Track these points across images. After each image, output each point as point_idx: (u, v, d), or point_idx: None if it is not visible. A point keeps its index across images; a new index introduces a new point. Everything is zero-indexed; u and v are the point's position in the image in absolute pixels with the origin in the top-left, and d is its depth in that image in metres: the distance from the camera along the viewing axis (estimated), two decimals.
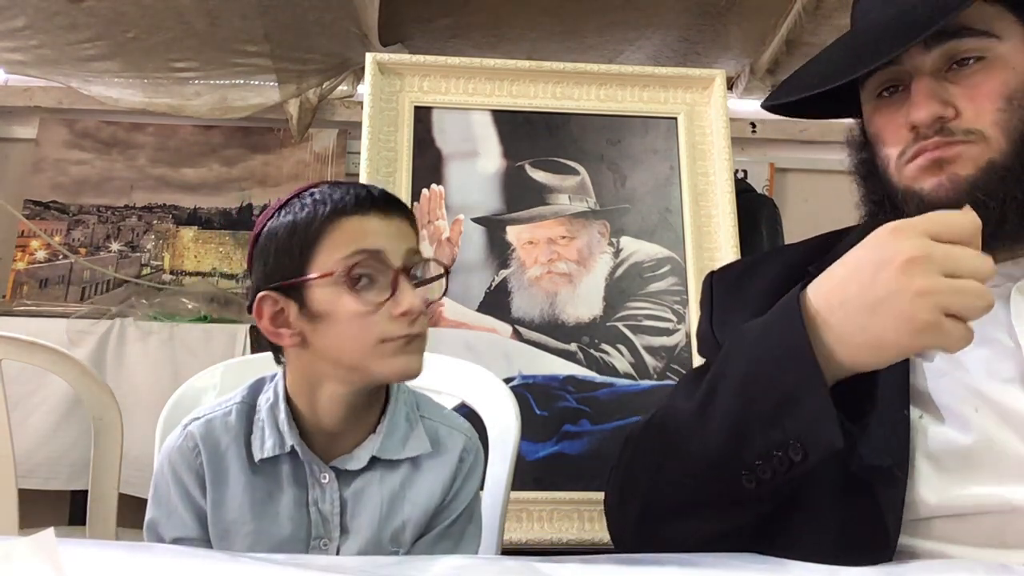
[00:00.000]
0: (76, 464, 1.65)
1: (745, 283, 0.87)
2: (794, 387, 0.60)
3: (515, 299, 1.66)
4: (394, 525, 0.78)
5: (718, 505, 0.68)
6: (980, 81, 0.72)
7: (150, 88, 2.14)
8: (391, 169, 1.69)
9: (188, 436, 0.78)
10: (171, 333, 1.75)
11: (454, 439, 0.83)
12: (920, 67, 0.74)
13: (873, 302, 0.58)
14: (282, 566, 0.51)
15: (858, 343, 0.59)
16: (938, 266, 0.57)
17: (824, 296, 0.62)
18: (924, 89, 0.72)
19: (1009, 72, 0.72)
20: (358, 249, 0.73)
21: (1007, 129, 0.70)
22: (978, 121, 0.71)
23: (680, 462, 0.69)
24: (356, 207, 0.74)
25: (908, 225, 0.59)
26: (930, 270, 0.57)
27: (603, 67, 1.80)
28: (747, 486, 0.63)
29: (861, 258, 0.61)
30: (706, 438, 0.66)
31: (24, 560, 0.42)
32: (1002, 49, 0.72)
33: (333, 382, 0.76)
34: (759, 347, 0.64)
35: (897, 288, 0.57)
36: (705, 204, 1.74)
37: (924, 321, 0.56)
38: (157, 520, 0.78)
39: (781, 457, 0.61)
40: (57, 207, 2.12)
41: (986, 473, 0.66)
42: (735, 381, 0.64)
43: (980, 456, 0.66)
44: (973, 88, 0.72)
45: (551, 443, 1.56)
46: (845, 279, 0.61)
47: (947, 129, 0.71)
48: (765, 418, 0.61)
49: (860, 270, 0.60)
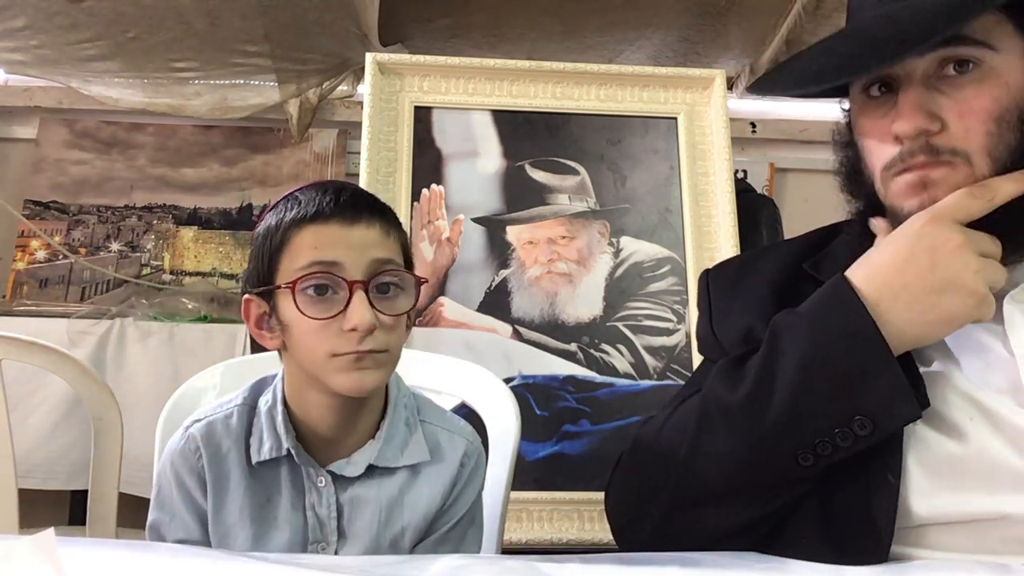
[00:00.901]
0: (76, 464, 1.65)
1: (742, 280, 0.86)
2: (863, 365, 0.65)
3: (515, 299, 1.66)
4: (393, 531, 0.78)
5: (760, 489, 0.70)
6: (971, 95, 0.70)
7: (150, 88, 2.14)
8: (391, 169, 1.69)
9: (190, 438, 0.78)
10: (171, 333, 1.75)
11: (455, 444, 0.82)
12: (912, 73, 0.72)
13: (940, 284, 0.66)
14: (281, 565, 0.51)
15: (929, 320, 0.66)
16: (978, 248, 0.66)
17: (880, 284, 0.68)
18: (912, 100, 0.71)
19: (1002, 87, 0.70)
20: (313, 260, 0.72)
21: (993, 155, 0.70)
22: (966, 142, 0.70)
23: (725, 449, 0.71)
24: (315, 215, 0.73)
25: (941, 214, 0.68)
26: (975, 251, 0.66)
27: (603, 67, 1.80)
28: (802, 464, 0.67)
29: (908, 247, 0.68)
30: (761, 421, 0.68)
31: (24, 560, 0.42)
32: (997, 61, 0.70)
33: (316, 388, 0.75)
34: (818, 331, 0.68)
35: (959, 267, 0.65)
36: (705, 204, 1.74)
37: (983, 294, 0.65)
38: (160, 522, 0.78)
39: (844, 432, 0.65)
40: (57, 207, 2.12)
41: (978, 482, 0.66)
42: (794, 364, 0.68)
43: (973, 465, 0.67)
44: (963, 103, 0.70)
45: (551, 443, 1.56)
46: (900, 267, 0.67)
47: (932, 147, 0.70)
48: (831, 396, 0.66)
49: (914, 257, 0.67)
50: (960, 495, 0.66)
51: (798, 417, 0.67)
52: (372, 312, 0.71)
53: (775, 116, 2.28)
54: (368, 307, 0.71)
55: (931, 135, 0.70)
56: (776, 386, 0.68)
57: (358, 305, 0.71)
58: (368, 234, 0.74)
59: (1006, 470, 0.66)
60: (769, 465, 0.69)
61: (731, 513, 0.71)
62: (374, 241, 0.74)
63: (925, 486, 0.67)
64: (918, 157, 0.71)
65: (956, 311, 0.66)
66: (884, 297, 0.67)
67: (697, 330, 0.91)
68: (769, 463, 0.69)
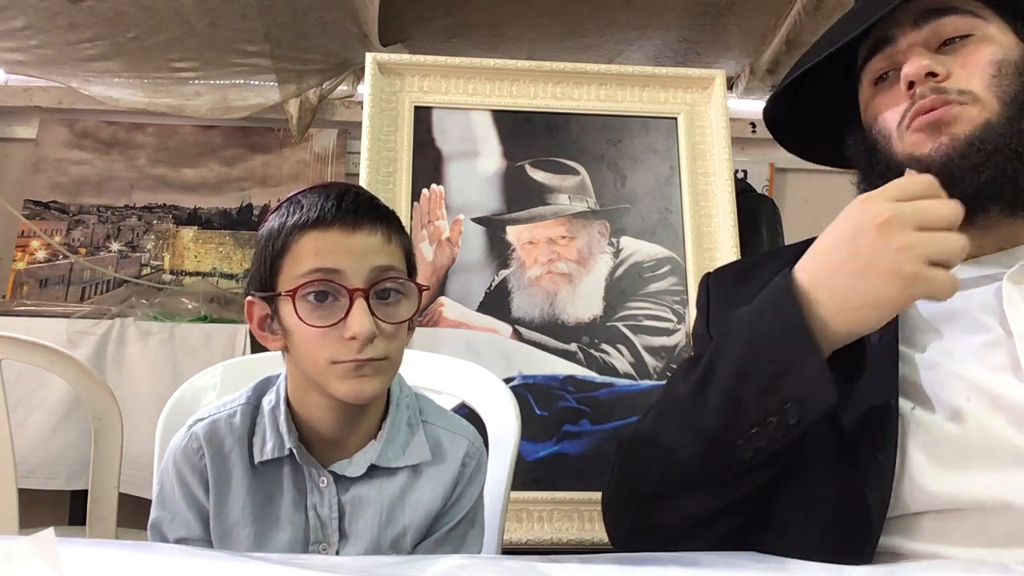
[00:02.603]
0: (76, 464, 1.65)
1: (742, 286, 0.87)
2: (790, 355, 0.64)
3: (515, 299, 1.66)
4: (394, 531, 0.78)
5: (715, 480, 0.70)
6: (970, 52, 0.76)
7: (150, 88, 2.14)
8: (391, 169, 1.69)
9: (192, 437, 0.78)
10: (171, 333, 1.75)
11: (456, 444, 0.82)
12: (913, 41, 0.78)
13: (861, 267, 0.62)
14: (281, 566, 0.51)
15: (855, 306, 0.63)
16: (910, 222, 0.62)
17: (811, 271, 0.66)
18: (917, 51, 0.77)
19: (996, 47, 0.76)
20: (314, 267, 0.71)
21: (998, 93, 0.74)
22: (970, 83, 0.74)
23: (678, 441, 0.71)
24: (317, 221, 0.72)
25: (875, 193, 0.65)
26: (905, 226, 0.62)
27: (603, 67, 1.80)
28: (744, 456, 0.66)
29: (838, 230, 0.65)
30: (703, 414, 0.68)
31: (24, 560, 0.42)
32: (989, 29, 0.77)
33: (317, 391, 0.75)
34: (754, 325, 0.68)
35: (880, 247, 0.62)
36: (705, 204, 1.74)
37: (910, 273, 0.61)
38: (161, 520, 0.78)
39: (777, 423, 0.64)
40: (57, 207, 2.12)
41: (979, 462, 0.66)
42: (732, 359, 0.67)
43: (972, 445, 0.66)
44: (964, 57, 0.76)
45: (551, 443, 1.56)
46: (828, 252, 0.65)
47: (941, 88, 0.74)
48: (761, 387, 0.65)
49: (841, 241, 0.65)
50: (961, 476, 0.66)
51: (734, 408, 0.66)
52: (372, 320, 0.71)
53: None
54: (368, 315, 0.71)
55: (938, 80, 0.75)
56: (716, 377, 0.68)
57: (358, 313, 0.71)
58: (370, 241, 0.73)
59: (1006, 448, 0.65)
60: (716, 457, 0.68)
61: (696, 503, 0.71)
62: (376, 248, 0.73)
63: (927, 470, 0.67)
64: (929, 97, 0.74)
65: (881, 295, 0.62)
66: (813, 286, 0.65)
67: (694, 328, 0.92)
68: (715, 455, 0.68)
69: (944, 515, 0.66)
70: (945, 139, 0.73)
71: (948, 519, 0.66)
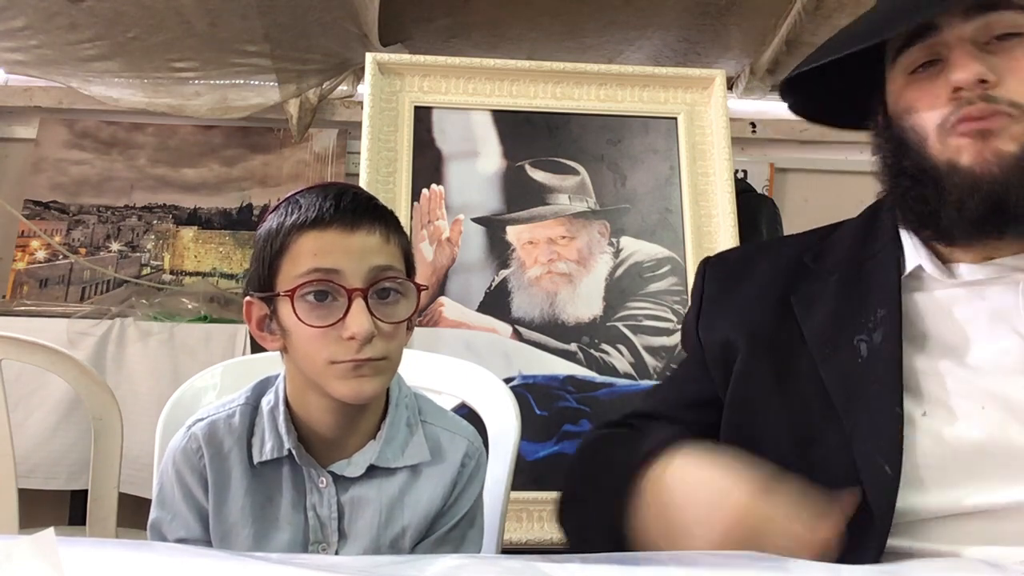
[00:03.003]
0: (76, 464, 1.65)
1: (737, 283, 0.85)
2: None
3: (515, 299, 1.66)
4: (393, 531, 0.78)
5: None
6: (1020, 55, 0.69)
7: (150, 88, 2.14)
8: (391, 169, 1.69)
9: (192, 437, 0.78)
10: (171, 333, 1.75)
11: (456, 445, 0.82)
12: (960, 36, 0.71)
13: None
14: (280, 565, 0.51)
15: None
16: None
17: None
18: (967, 51, 0.70)
19: None
20: (312, 267, 0.71)
21: None
22: (1021, 96, 0.69)
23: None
24: (315, 221, 0.72)
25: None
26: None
27: (603, 67, 1.80)
28: None
29: None
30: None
31: (24, 560, 0.42)
32: None
33: (316, 391, 0.75)
34: None
35: None
36: (705, 204, 1.74)
37: None
38: (161, 520, 0.78)
39: None
40: (57, 207, 2.12)
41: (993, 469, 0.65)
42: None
43: (988, 452, 0.65)
44: (1015, 61, 0.69)
45: (551, 443, 1.56)
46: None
47: (990, 96, 0.69)
48: None
49: None
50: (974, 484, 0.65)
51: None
52: (371, 320, 0.71)
53: (775, 116, 2.28)
54: (367, 315, 0.71)
55: (988, 87, 0.69)
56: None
57: (357, 313, 0.71)
58: (368, 240, 0.73)
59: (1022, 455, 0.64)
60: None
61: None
62: (374, 247, 0.73)
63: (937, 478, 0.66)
64: (977, 105, 0.69)
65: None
66: None
67: (684, 320, 0.90)
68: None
69: (952, 520, 0.66)
70: (989, 152, 0.69)
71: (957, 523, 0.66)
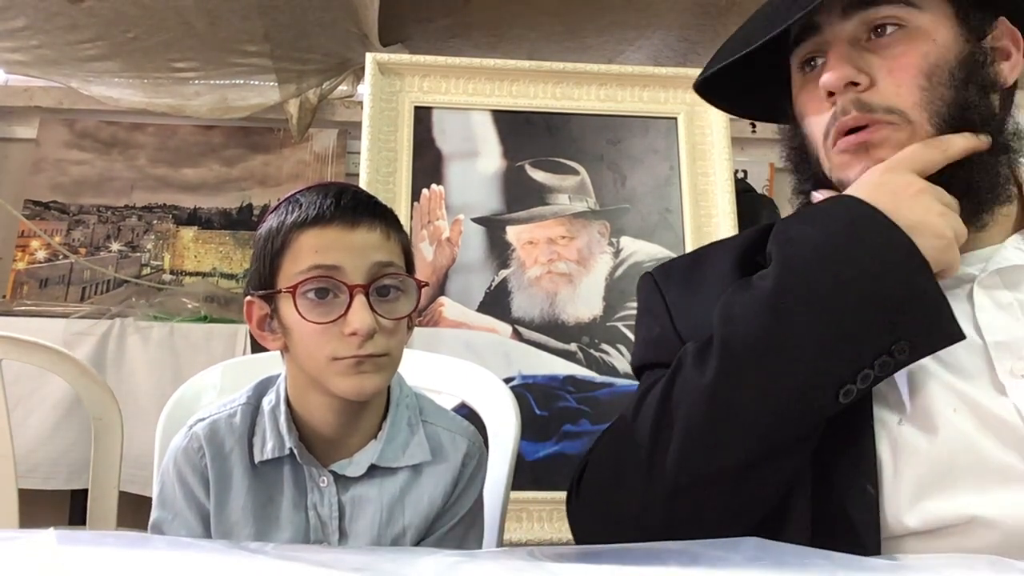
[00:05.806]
0: (76, 464, 1.64)
1: (696, 275, 0.83)
2: (905, 288, 0.61)
3: (515, 299, 1.66)
4: (394, 531, 0.78)
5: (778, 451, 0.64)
6: (899, 52, 0.69)
7: (150, 88, 2.14)
8: (391, 169, 1.69)
9: (193, 437, 0.78)
10: (171, 333, 1.75)
11: (456, 444, 0.82)
12: (838, 35, 0.72)
13: (907, 225, 0.62)
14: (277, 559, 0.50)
15: None
16: (937, 198, 0.65)
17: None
18: (837, 54, 0.71)
19: (929, 44, 0.69)
20: (313, 264, 0.72)
21: (930, 111, 0.68)
22: (898, 99, 0.69)
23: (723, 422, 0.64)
24: (316, 219, 0.72)
25: (895, 165, 0.66)
26: (937, 198, 0.64)
27: (603, 67, 1.80)
28: (842, 401, 0.62)
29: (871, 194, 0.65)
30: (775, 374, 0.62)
31: (24, 560, 0.42)
32: (923, 20, 0.70)
33: (317, 390, 0.75)
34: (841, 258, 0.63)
35: (925, 211, 0.63)
36: (705, 204, 1.74)
37: (950, 238, 0.63)
38: (162, 520, 0.78)
39: (884, 362, 0.62)
40: (57, 207, 2.12)
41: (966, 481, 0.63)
42: (812, 303, 0.62)
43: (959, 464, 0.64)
44: (891, 60, 0.69)
45: (551, 443, 1.56)
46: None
47: (865, 104, 0.69)
48: (871, 325, 0.61)
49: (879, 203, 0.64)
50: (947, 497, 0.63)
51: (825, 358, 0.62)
52: (372, 316, 0.71)
53: None
54: (368, 311, 0.71)
55: (860, 90, 0.69)
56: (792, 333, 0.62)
57: (358, 309, 0.71)
58: (369, 237, 0.74)
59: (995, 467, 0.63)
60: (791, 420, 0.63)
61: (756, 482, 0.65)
62: (375, 244, 0.74)
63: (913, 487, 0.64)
64: (850, 113, 0.70)
65: (926, 254, 0.62)
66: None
67: (649, 335, 0.83)
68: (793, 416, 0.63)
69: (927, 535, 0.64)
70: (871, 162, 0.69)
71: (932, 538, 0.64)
